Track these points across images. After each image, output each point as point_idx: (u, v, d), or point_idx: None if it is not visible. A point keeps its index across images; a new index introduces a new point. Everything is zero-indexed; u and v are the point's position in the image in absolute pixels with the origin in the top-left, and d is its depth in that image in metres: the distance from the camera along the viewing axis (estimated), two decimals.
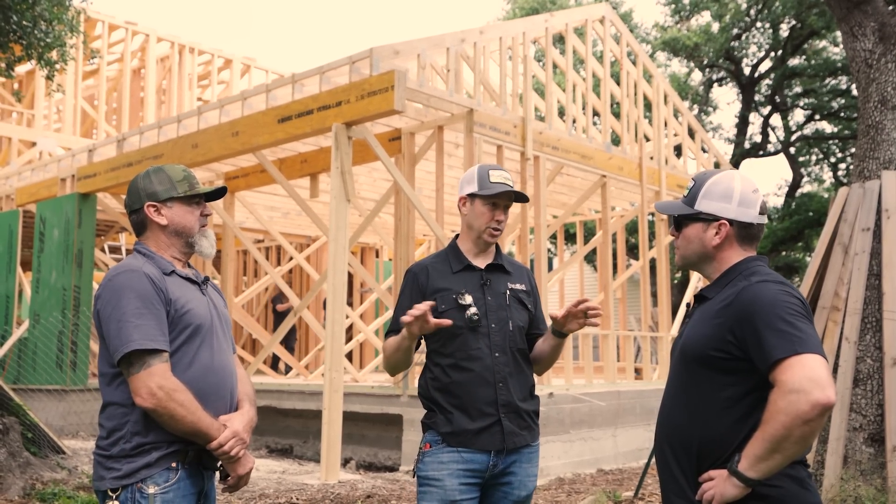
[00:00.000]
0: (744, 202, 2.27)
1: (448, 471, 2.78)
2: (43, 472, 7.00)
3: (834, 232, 5.81)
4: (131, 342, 2.28)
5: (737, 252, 2.30)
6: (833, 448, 5.33)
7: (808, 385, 1.94)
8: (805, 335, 2.02)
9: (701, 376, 2.21)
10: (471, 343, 2.82)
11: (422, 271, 2.94)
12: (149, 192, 2.52)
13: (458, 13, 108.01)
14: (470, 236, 2.96)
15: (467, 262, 2.94)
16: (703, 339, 2.21)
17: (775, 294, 2.11)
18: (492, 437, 2.78)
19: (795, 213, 20.04)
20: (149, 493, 2.32)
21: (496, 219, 2.91)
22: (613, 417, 9.36)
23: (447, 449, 2.80)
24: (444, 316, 2.80)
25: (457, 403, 2.80)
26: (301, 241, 15.48)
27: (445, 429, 2.80)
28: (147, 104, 19.08)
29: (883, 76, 5.96)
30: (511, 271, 2.98)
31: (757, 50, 21.21)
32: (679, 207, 2.36)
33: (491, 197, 2.89)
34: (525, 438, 2.84)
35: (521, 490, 2.85)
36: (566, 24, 10.46)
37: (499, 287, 2.92)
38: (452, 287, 2.87)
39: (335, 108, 8.20)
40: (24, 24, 8.34)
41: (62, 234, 11.66)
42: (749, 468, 2.03)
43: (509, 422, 2.80)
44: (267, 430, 10.13)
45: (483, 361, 2.81)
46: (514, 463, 2.84)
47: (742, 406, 2.13)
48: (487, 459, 2.79)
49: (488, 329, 2.84)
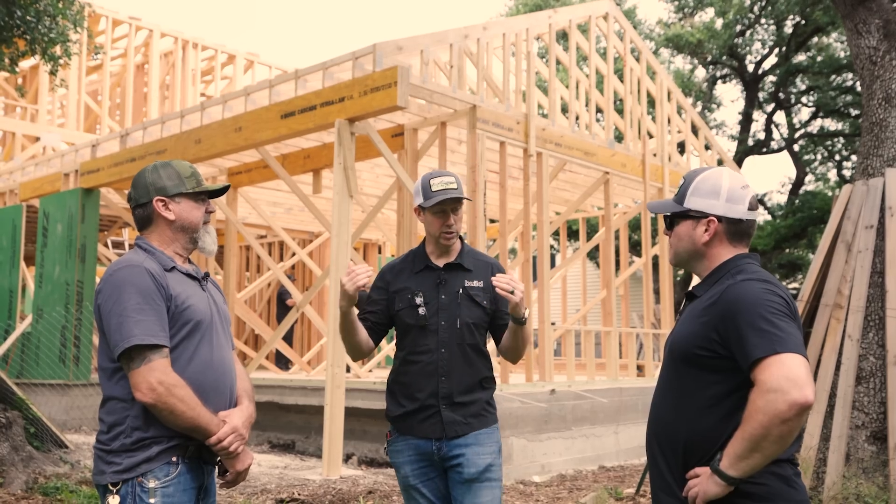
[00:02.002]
0: (732, 198, 2.28)
1: (403, 458, 3.09)
2: (46, 467, 7.01)
3: (837, 229, 5.80)
4: (132, 337, 2.29)
5: (727, 249, 2.30)
6: (835, 446, 5.33)
7: (785, 384, 1.95)
8: (785, 334, 2.03)
9: (687, 374, 2.22)
10: (419, 340, 3.08)
11: (389, 271, 3.22)
12: (158, 186, 2.52)
13: (462, 9, 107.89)
14: (430, 240, 3.19)
15: (427, 262, 3.17)
16: (689, 337, 2.22)
17: (758, 293, 2.11)
18: (433, 425, 3.03)
19: (799, 210, 20.00)
20: (149, 487, 2.32)
21: (446, 223, 3.10)
22: (615, 414, 9.36)
23: (400, 438, 3.10)
24: (400, 314, 3.12)
25: (405, 393, 3.09)
26: (304, 236, 15.49)
27: (392, 413, 3.11)
28: (150, 99, 19.09)
29: (887, 73, 5.94)
30: (471, 269, 3.16)
31: (761, 47, 21.17)
32: (670, 206, 2.38)
33: (433, 206, 3.07)
34: (470, 426, 3.05)
35: (471, 468, 3.02)
36: (570, 21, 10.44)
37: (453, 286, 3.12)
38: (410, 287, 3.13)
39: (338, 104, 8.20)
40: (28, 19, 8.34)
41: (65, 229, 11.68)
42: (730, 466, 2.04)
43: (450, 412, 3.03)
44: (269, 425, 10.15)
45: (429, 356, 3.05)
46: (461, 446, 3.03)
47: (727, 404, 2.13)
48: (431, 445, 3.04)
49: (438, 326, 3.07)
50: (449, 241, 3.12)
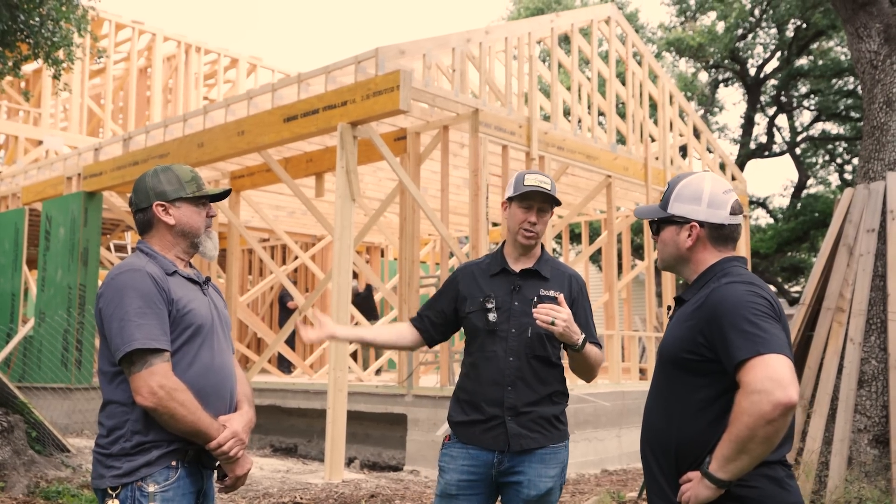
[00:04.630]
0: (713, 203, 2.29)
1: (454, 465, 2.95)
2: (47, 470, 7.02)
3: (839, 233, 5.79)
4: (133, 341, 2.29)
5: (711, 253, 2.31)
6: (837, 449, 5.32)
7: (769, 385, 1.95)
8: (769, 335, 2.03)
9: (676, 379, 2.23)
10: (488, 346, 2.95)
11: (463, 274, 3.12)
12: (157, 191, 2.52)
13: (464, 13, 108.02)
14: (510, 240, 3.06)
15: (504, 266, 3.04)
16: (676, 342, 2.24)
17: (741, 295, 2.12)
18: (496, 437, 2.89)
19: (801, 213, 19.98)
20: (149, 491, 2.32)
21: (528, 220, 2.98)
22: (618, 418, 9.35)
23: (458, 444, 2.97)
24: (470, 317, 3.01)
25: (468, 399, 2.97)
26: (306, 240, 15.50)
27: (455, 419, 3.00)
28: (153, 103, 19.12)
29: (888, 77, 5.93)
30: (549, 277, 3.02)
31: (762, 50, 21.16)
32: (655, 211, 2.40)
33: (520, 198, 2.97)
34: (536, 441, 2.90)
35: (532, 489, 2.89)
36: (572, 25, 10.45)
37: (528, 293, 2.97)
38: (483, 290, 3.01)
39: (341, 108, 8.21)
40: (32, 24, 8.37)
41: (68, 232, 11.69)
42: (718, 469, 2.05)
43: (515, 424, 2.88)
44: (271, 428, 10.15)
45: (496, 364, 2.92)
46: (524, 463, 2.90)
47: (716, 407, 2.14)
48: (492, 458, 2.90)
49: (507, 333, 2.94)
50: (528, 239, 2.99)
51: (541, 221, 3.00)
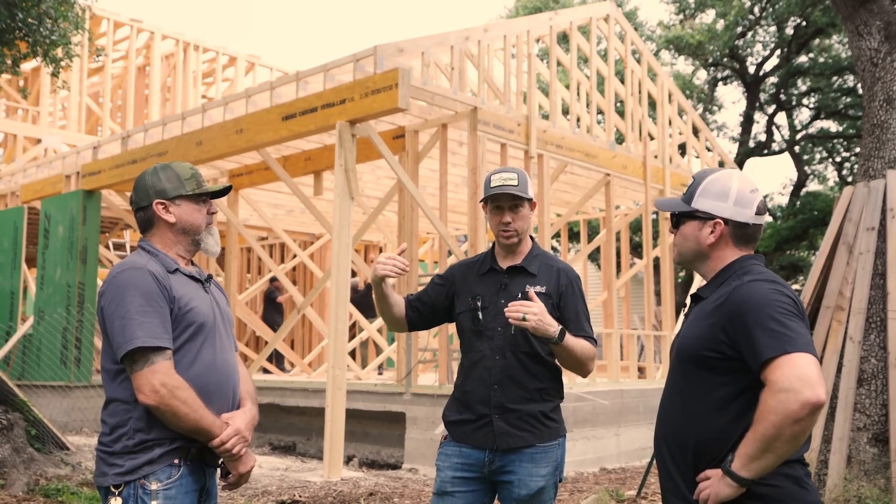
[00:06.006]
0: (740, 202, 2.27)
1: (448, 463, 2.97)
2: (47, 468, 7.02)
3: (838, 231, 5.80)
4: (135, 339, 2.29)
5: (732, 251, 2.30)
6: (837, 448, 5.32)
7: (797, 384, 1.94)
8: (795, 334, 2.02)
9: (695, 376, 2.21)
10: (476, 345, 2.97)
11: (458, 269, 3.14)
12: (157, 189, 2.52)
13: (462, 11, 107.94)
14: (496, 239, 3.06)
15: (492, 264, 3.05)
16: (696, 339, 2.21)
17: (766, 293, 2.11)
18: (485, 435, 2.91)
19: (800, 212, 20.00)
20: (151, 489, 2.32)
21: (502, 221, 2.96)
22: (616, 416, 9.35)
23: (452, 444, 2.99)
24: (460, 317, 3.04)
25: (461, 399, 3.00)
26: (305, 238, 15.49)
27: (448, 418, 3.03)
28: (152, 101, 19.11)
29: (888, 75, 5.94)
30: (536, 273, 2.99)
31: (762, 48, 21.17)
32: (677, 204, 2.37)
33: (490, 200, 2.97)
34: (524, 440, 2.88)
35: (522, 489, 2.88)
36: (570, 23, 10.44)
37: (515, 290, 2.95)
38: (473, 289, 3.03)
39: (339, 106, 8.21)
40: (30, 22, 8.35)
41: (67, 230, 11.68)
42: (742, 468, 2.03)
43: (503, 422, 2.88)
44: (270, 427, 10.15)
45: (484, 363, 2.94)
46: (514, 462, 2.89)
47: (736, 406, 2.13)
48: (482, 456, 2.92)
49: (493, 332, 2.94)
50: (507, 239, 2.97)
51: (517, 219, 2.97)
